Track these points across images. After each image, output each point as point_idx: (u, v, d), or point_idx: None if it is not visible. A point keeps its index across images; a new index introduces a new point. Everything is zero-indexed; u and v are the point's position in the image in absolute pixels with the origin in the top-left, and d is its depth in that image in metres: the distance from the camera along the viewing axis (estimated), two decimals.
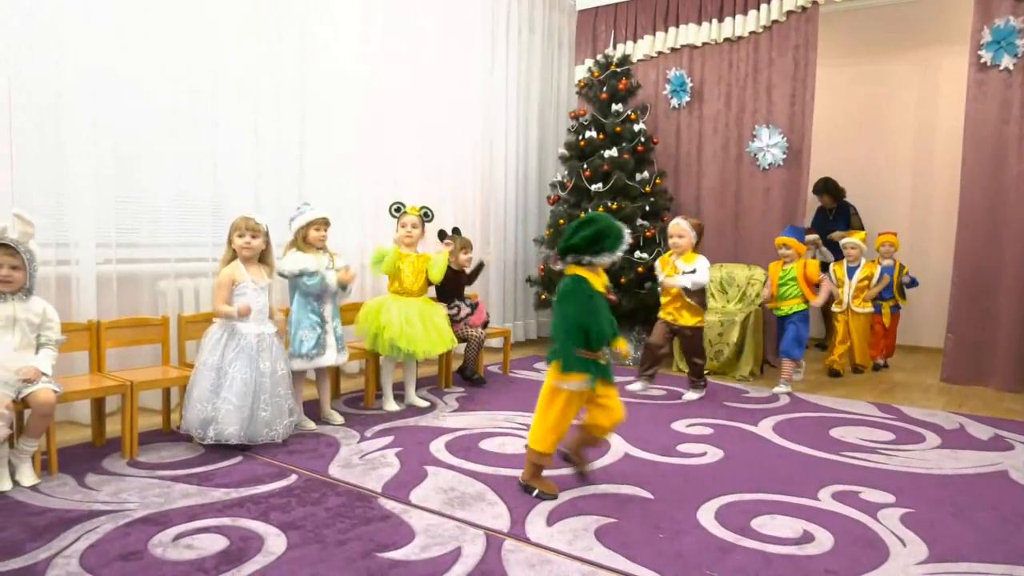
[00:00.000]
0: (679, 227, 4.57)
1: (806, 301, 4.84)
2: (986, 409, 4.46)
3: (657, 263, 4.76)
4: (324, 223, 3.75)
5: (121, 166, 3.83)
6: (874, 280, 5.69)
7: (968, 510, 2.75)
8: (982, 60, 5.08)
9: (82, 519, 2.46)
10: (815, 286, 4.85)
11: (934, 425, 4.02)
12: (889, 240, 5.94)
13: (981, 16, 5.07)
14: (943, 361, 5.36)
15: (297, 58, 4.66)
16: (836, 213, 6.78)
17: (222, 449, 3.25)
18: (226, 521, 2.48)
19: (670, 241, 4.62)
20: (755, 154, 6.03)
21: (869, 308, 5.69)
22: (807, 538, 2.46)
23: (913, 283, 5.92)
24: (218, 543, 2.30)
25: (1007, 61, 4.98)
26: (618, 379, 3.25)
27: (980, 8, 5.08)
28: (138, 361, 3.75)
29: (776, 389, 4.86)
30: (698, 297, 4.54)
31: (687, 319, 4.56)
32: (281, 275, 3.63)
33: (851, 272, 5.71)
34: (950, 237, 5.44)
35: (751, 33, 6.05)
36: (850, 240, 5.82)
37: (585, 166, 5.88)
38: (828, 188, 6.75)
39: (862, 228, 6.63)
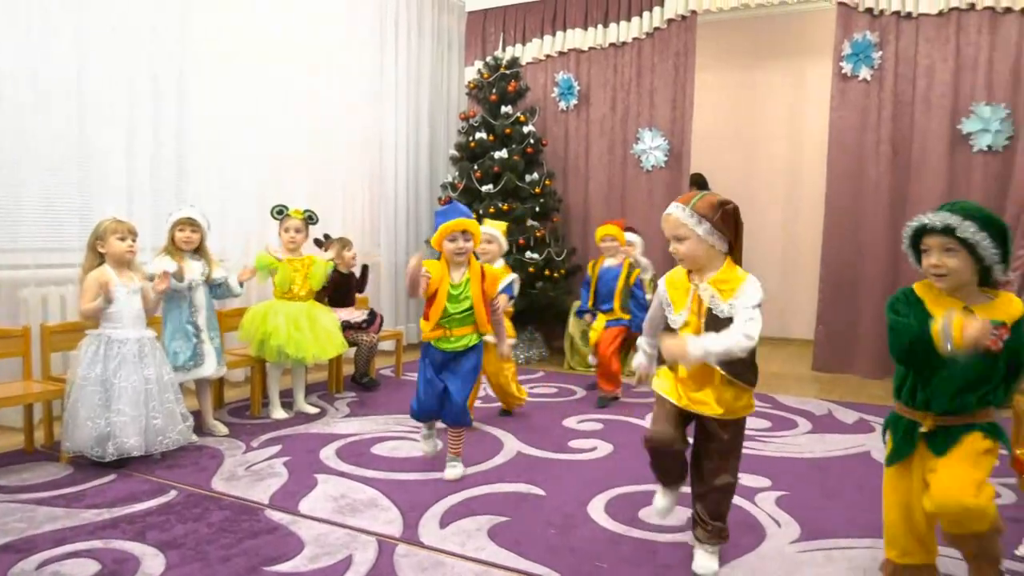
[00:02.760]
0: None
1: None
2: (852, 395, 4.79)
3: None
4: (188, 223, 3.55)
5: None
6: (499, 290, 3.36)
7: (836, 490, 2.94)
8: (843, 71, 5.45)
9: None
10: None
11: (806, 412, 4.28)
12: (609, 233, 4.06)
13: (842, 30, 5.44)
14: (814, 351, 5.71)
15: (176, 51, 4.42)
16: None
17: (93, 467, 3.05)
18: (98, 544, 2.33)
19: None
20: (639, 156, 6.23)
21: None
22: (691, 524, 2.56)
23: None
24: (89, 568, 2.16)
25: (865, 72, 5.37)
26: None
27: (841, 22, 5.45)
28: None
29: (449, 473, 3.01)
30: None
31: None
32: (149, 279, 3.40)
33: None
34: (819, 236, 5.78)
35: (635, 39, 6.25)
36: (487, 229, 3.83)
37: (476, 167, 5.90)
38: (698, 181, 6.76)
39: None
